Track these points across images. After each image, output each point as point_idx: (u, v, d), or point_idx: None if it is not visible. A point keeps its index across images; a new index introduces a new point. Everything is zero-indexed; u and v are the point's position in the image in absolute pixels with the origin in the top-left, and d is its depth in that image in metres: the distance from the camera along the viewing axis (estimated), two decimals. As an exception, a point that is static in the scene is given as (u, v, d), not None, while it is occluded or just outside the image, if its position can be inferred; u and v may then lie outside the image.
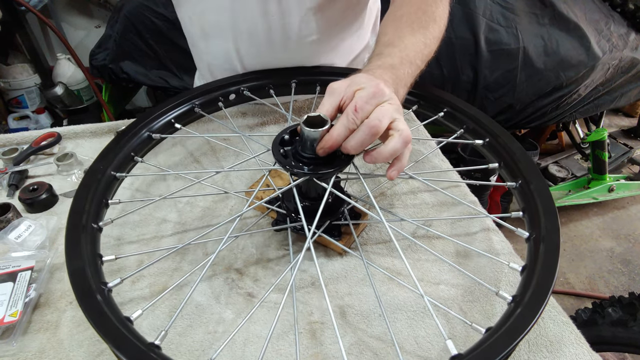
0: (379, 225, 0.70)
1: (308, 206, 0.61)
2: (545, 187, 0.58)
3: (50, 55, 2.48)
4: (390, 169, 0.51)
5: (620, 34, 1.83)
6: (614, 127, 2.96)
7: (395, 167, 0.51)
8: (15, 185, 0.78)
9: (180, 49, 1.83)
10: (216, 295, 0.59)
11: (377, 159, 0.50)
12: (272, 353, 0.52)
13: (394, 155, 0.50)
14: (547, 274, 0.48)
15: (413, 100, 0.78)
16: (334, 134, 0.49)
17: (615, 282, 2.04)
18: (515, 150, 0.65)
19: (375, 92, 0.50)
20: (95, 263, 0.51)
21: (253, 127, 0.94)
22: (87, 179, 0.60)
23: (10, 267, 0.60)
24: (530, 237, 0.55)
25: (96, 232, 0.55)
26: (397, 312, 0.57)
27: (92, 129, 0.93)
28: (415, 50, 0.63)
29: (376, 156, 0.50)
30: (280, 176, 0.76)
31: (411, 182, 0.79)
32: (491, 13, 1.69)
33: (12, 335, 0.53)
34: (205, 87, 0.82)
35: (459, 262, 0.64)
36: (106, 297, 0.47)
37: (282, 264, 0.64)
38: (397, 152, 0.50)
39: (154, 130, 0.72)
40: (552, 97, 1.76)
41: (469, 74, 1.71)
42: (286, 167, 0.53)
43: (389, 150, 0.49)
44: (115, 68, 1.95)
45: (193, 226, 0.70)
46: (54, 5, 2.34)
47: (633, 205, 2.45)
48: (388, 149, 0.49)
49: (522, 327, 0.42)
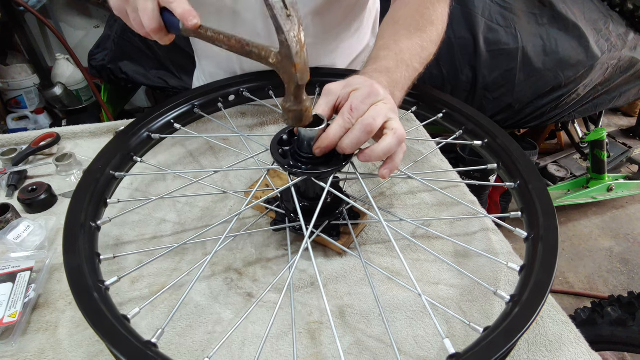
0: (378, 225, 0.70)
1: (307, 206, 0.61)
2: (543, 188, 0.59)
3: (49, 55, 2.48)
4: (382, 167, 0.52)
5: (619, 33, 1.84)
6: (613, 126, 2.96)
7: (388, 165, 0.51)
8: (15, 185, 0.77)
9: (180, 49, 1.83)
10: (215, 295, 0.59)
11: (371, 157, 0.50)
12: (271, 353, 0.52)
13: (387, 154, 0.50)
14: (546, 273, 0.48)
15: (412, 101, 0.79)
16: (330, 133, 0.50)
17: (615, 281, 2.04)
18: (514, 151, 0.65)
19: (370, 92, 0.50)
20: (93, 261, 0.51)
21: (252, 127, 0.94)
22: (86, 178, 0.60)
23: (10, 267, 0.60)
24: (529, 237, 0.55)
25: (94, 231, 0.55)
26: (397, 312, 0.57)
27: (91, 129, 0.93)
28: (412, 53, 0.63)
29: (370, 154, 0.50)
30: (279, 176, 0.77)
31: (410, 182, 0.79)
32: (490, 13, 1.69)
33: (11, 335, 0.53)
34: (204, 88, 0.82)
35: (458, 262, 0.64)
36: (103, 295, 0.47)
37: (281, 264, 0.64)
38: (390, 151, 0.50)
39: (154, 130, 0.72)
40: (551, 96, 1.77)
41: (468, 74, 1.72)
42: (284, 166, 0.53)
43: (382, 148, 0.49)
44: (114, 68, 1.95)
45: (192, 226, 0.70)
46: (52, 6, 2.34)
47: (632, 204, 2.45)
48: (381, 147, 0.49)
49: (520, 326, 0.42)
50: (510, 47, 1.68)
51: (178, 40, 1.83)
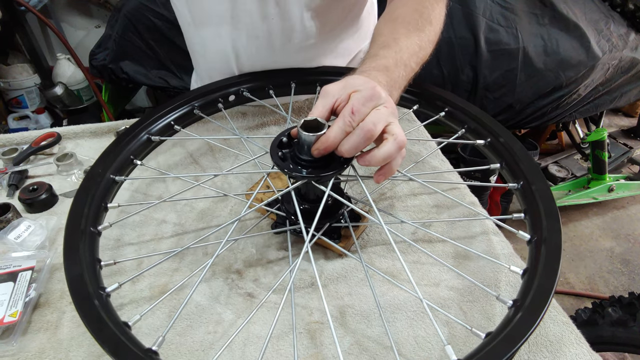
0: (379, 226, 0.69)
1: (307, 209, 0.61)
2: (547, 189, 0.58)
3: (50, 55, 2.48)
4: (378, 173, 0.51)
5: (620, 34, 1.83)
6: (614, 127, 2.96)
7: (384, 171, 0.51)
8: (15, 185, 0.78)
9: (180, 49, 1.83)
10: (216, 295, 0.59)
11: (371, 162, 0.50)
12: (271, 353, 0.52)
13: (387, 160, 0.50)
14: (549, 277, 0.47)
15: (414, 99, 0.78)
16: (331, 136, 0.49)
17: (615, 282, 2.04)
18: (517, 151, 0.64)
19: (372, 95, 0.50)
20: (94, 268, 0.51)
21: (253, 127, 0.94)
22: (86, 182, 0.60)
23: (11, 267, 0.60)
24: (531, 240, 0.54)
25: (95, 237, 0.55)
26: (397, 312, 0.57)
27: (92, 129, 0.93)
28: (410, 52, 0.63)
29: (369, 159, 0.50)
30: (280, 177, 0.76)
31: (411, 183, 0.79)
32: (491, 13, 1.69)
33: (12, 335, 0.53)
34: (204, 89, 0.81)
35: (459, 263, 0.64)
36: (104, 302, 0.47)
37: (282, 265, 0.64)
38: (390, 157, 0.50)
39: (153, 132, 0.72)
40: (552, 97, 1.76)
41: (469, 73, 1.71)
42: (284, 170, 0.53)
43: (382, 154, 0.49)
44: (115, 68, 1.95)
45: (192, 227, 0.70)
46: (53, 5, 2.34)
47: (633, 205, 2.45)
48: (381, 153, 0.49)
49: (523, 332, 0.42)
50: (511, 47, 1.68)
51: (178, 40, 1.83)
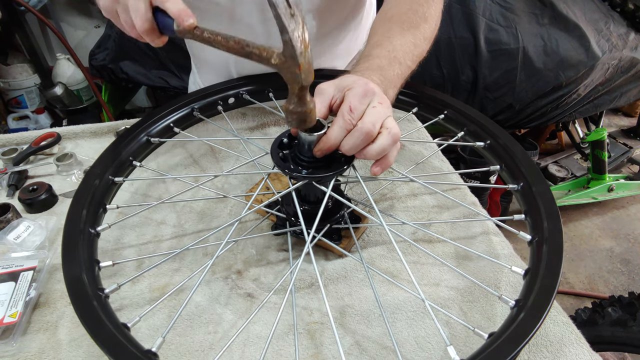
0: (379, 227, 0.69)
1: (307, 210, 0.61)
2: (547, 190, 0.58)
3: (49, 55, 2.48)
4: (375, 165, 0.52)
5: (620, 33, 1.83)
6: (614, 126, 2.96)
7: (381, 164, 0.52)
8: (15, 185, 0.77)
9: (180, 49, 1.82)
10: (216, 295, 0.59)
11: (366, 156, 0.51)
12: (271, 353, 0.52)
13: (382, 153, 0.51)
14: (551, 277, 0.47)
15: (413, 102, 0.78)
16: (332, 135, 0.50)
17: (615, 281, 2.04)
18: (517, 152, 0.65)
19: (365, 91, 0.50)
20: (93, 269, 0.51)
21: (253, 128, 0.94)
22: (85, 184, 0.60)
23: (13, 266, 0.60)
24: (532, 240, 0.54)
25: (94, 238, 0.55)
26: (398, 312, 0.57)
27: (91, 129, 0.93)
28: (404, 50, 0.63)
29: (365, 153, 0.51)
30: (279, 179, 0.76)
31: (411, 184, 0.79)
32: (491, 13, 1.69)
33: (11, 335, 0.53)
34: (204, 91, 0.81)
35: (460, 263, 0.64)
36: (103, 303, 0.47)
37: (282, 266, 0.64)
38: (385, 150, 0.50)
39: (153, 134, 0.72)
40: (552, 97, 1.77)
41: (469, 73, 1.71)
42: (285, 170, 0.53)
43: (377, 148, 0.50)
44: (115, 68, 1.95)
45: (192, 228, 0.70)
46: (53, 5, 2.33)
47: (633, 205, 2.45)
48: (377, 146, 0.50)
49: (526, 332, 0.42)
50: (511, 47, 1.68)
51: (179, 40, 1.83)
